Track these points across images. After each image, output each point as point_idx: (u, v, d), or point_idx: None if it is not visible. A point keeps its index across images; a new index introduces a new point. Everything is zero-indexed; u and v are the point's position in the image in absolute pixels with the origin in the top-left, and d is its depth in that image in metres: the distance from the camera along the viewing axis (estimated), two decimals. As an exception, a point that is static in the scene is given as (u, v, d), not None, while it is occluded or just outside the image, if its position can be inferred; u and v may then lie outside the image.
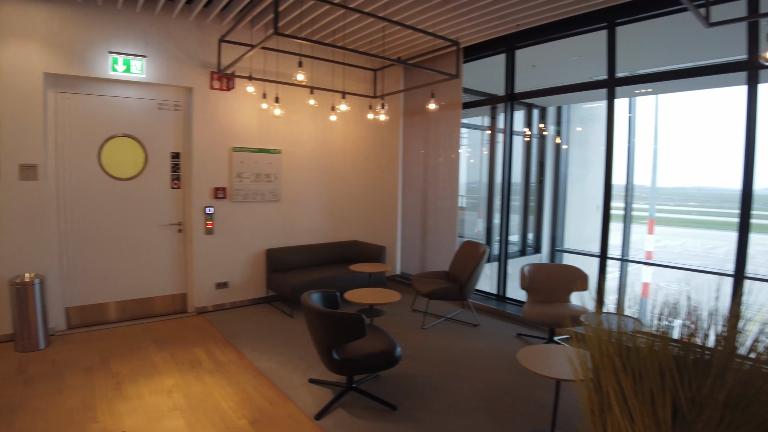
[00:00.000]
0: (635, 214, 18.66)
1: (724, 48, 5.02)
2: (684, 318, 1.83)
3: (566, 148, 8.54)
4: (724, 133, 13.23)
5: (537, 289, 4.85)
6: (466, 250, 5.79)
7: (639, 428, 1.67)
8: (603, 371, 1.83)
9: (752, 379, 1.59)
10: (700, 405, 1.60)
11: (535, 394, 3.77)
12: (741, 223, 4.45)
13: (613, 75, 5.17)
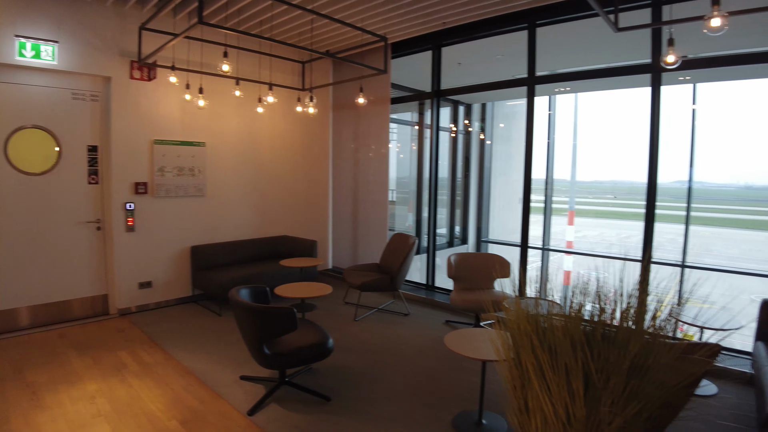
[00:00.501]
0: (556, 206, 19.70)
1: (633, 51, 5.40)
2: (593, 299, 2.01)
3: (490, 143, 8.90)
4: (634, 131, 14.27)
5: (463, 277, 5.06)
6: (396, 242, 5.91)
7: (556, 399, 1.83)
8: (523, 350, 1.98)
9: (651, 350, 1.79)
10: (607, 374, 1.78)
11: (464, 377, 3.96)
12: (647, 213, 4.87)
13: (533, 74, 5.45)
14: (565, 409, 1.85)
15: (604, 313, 1.94)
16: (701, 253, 22.21)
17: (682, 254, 6.94)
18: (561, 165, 15.94)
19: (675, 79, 6.22)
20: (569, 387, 1.82)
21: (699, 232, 28.49)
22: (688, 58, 5.48)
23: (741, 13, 3.42)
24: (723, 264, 18.29)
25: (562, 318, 1.98)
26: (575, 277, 2.09)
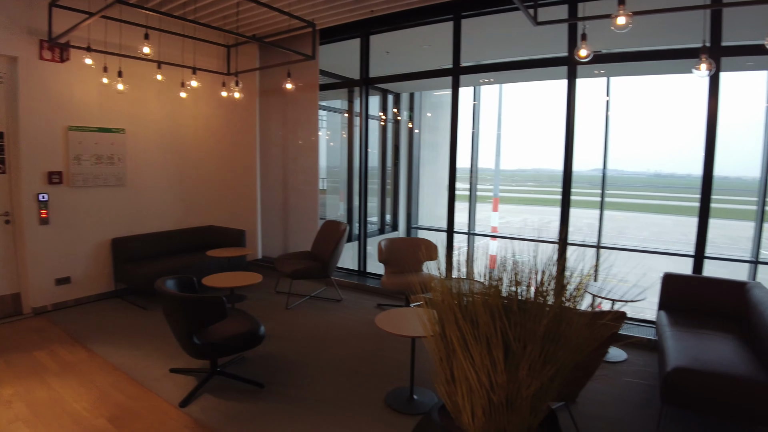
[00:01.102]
0: (481, 194, 20.39)
1: (553, 45, 5.67)
2: (510, 275, 2.17)
3: (418, 132, 9.08)
4: (554, 121, 15.07)
5: (393, 261, 5.19)
6: (327, 229, 5.95)
7: (479, 367, 1.97)
8: (447, 323, 2.11)
9: (562, 317, 1.97)
10: (524, 341, 1.94)
11: (395, 357, 4.09)
12: (563, 199, 5.20)
13: (458, 64, 5.63)
14: (488, 376, 1.99)
15: (520, 286, 2.11)
16: (616, 235, 23.91)
17: (597, 236, 7.47)
18: (486, 154, 16.55)
19: (590, 72, 6.64)
20: (490, 355, 1.97)
21: (615, 217, 30.60)
22: (601, 52, 5.88)
23: (644, 13, 3.72)
24: (635, 245, 19.86)
25: (483, 294, 2.12)
26: (500, 260, 2.24)
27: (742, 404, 2.81)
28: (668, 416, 3.26)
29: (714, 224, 4.67)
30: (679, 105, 16.62)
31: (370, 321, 4.95)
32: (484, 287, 2.15)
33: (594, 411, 3.33)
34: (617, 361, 4.15)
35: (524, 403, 2.01)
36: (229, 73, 6.70)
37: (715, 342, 3.35)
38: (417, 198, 9.16)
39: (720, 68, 4.65)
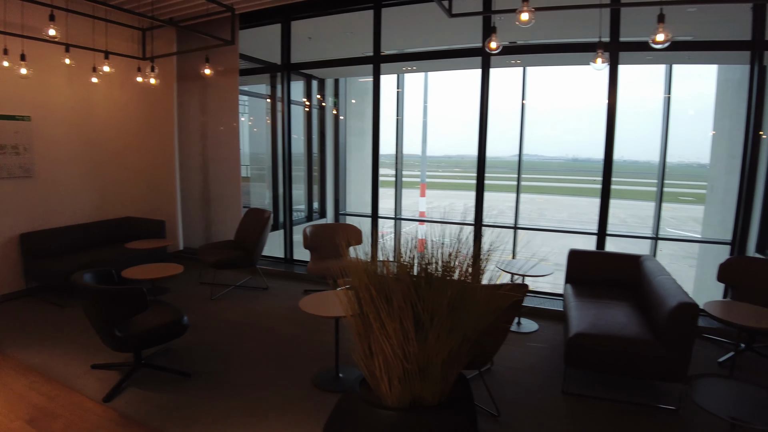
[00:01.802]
0: (408, 180, 20.71)
1: (471, 35, 5.84)
2: (421, 254, 2.34)
3: (343, 119, 9.13)
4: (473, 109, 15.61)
5: (318, 247, 5.27)
6: (250, 217, 5.92)
7: (392, 339, 2.13)
8: (364, 302, 2.25)
9: (465, 290, 2.16)
10: (432, 313, 2.11)
11: (321, 339, 4.20)
12: (477, 184, 5.48)
13: (379, 52, 5.74)
14: (402, 347, 2.15)
15: (429, 264, 2.28)
16: (537, 217, 25.23)
17: (514, 218, 7.90)
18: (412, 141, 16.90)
19: (507, 62, 6.95)
20: (403, 328, 2.13)
21: (535, 200, 32.12)
22: (516, 43, 6.19)
23: (546, 9, 3.99)
24: (554, 225, 21.10)
25: (396, 273, 2.28)
26: (428, 244, 2.39)
27: (632, 361, 3.19)
28: (572, 376, 3.60)
29: (627, 205, 5.15)
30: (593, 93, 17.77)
31: (296, 307, 4.97)
32: (398, 267, 2.31)
33: (508, 377, 3.62)
34: (530, 331, 4.50)
35: (436, 370, 2.19)
36: (145, 57, 6.43)
37: (613, 309, 3.72)
38: (345, 184, 9.24)
39: (618, 61, 5.07)
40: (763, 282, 4.24)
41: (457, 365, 2.27)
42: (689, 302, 3.06)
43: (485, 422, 3.00)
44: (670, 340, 3.10)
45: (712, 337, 4.53)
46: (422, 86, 14.54)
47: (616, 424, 3.05)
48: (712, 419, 2.98)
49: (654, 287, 3.61)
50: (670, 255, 18.73)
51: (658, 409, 3.22)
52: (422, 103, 15.15)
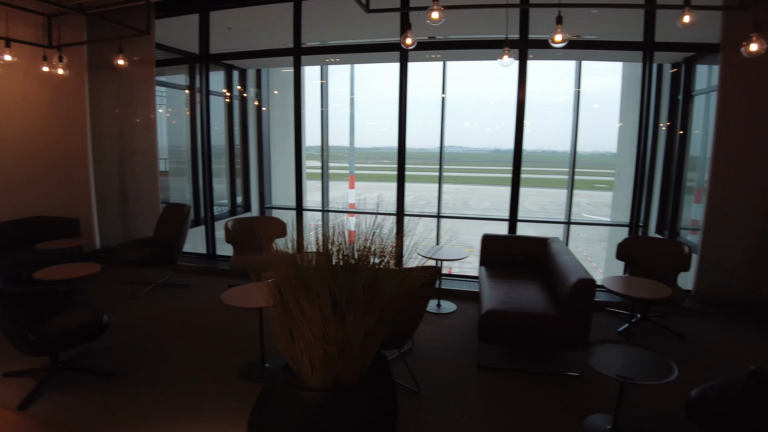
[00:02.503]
0: (336, 172, 20.63)
1: (392, 30, 5.94)
2: (340, 242, 2.42)
3: (266, 110, 9.00)
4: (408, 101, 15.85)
5: (241, 241, 5.22)
6: (169, 212, 5.76)
7: (312, 323, 2.20)
8: (285, 290, 2.30)
9: (379, 274, 2.27)
10: (348, 296, 2.20)
11: (246, 332, 4.20)
12: (399, 175, 5.64)
13: (299, 44, 5.73)
14: (321, 331, 2.23)
15: (348, 252, 2.37)
16: (461, 206, 26.03)
17: (437, 207, 8.14)
18: (340, 132, 16.90)
19: (426, 57, 7.14)
20: (321, 312, 2.20)
21: (460, 190, 33.02)
22: (435, 39, 6.37)
23: (456, 8, 4.16)
24: (477, 213, 21.94)
25: (314, 261, 2.35)
26: (357, 235, 2.47)
27: (539, 333, 3.47)
28: (486, 351, 3.86)
29: (546, 193, 5.47)
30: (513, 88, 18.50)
31: (220, 302, 4.91)
32: (316, 256, 2.38)
33: (428, 355, 3.81)
34: (449, 312, 4.73)
35: (354, 350, 2.29)
36: (51, 45, 6.02)
37: (522, 288, 3.99)
38: (270, 177, 9.12)
39: (528, 58, 5.37)
40: (654, 258, 4.69)
41: (374, 344, 2.37)
42: (587, 278, 3.36)
43: (407, 398, 3.14)
44: (572, 313, 3.39)
45: (613, 310, 4.96)
46: (349, 78, 14.51)
47: (527, 392, 3.30)
48: (609, 381, 3.29)
49: (558, 266, 3.91)
50: (586, 239, 20.00)
51: (565, 376, 3.52)
52: (349, 95, 15.15)
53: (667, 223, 7.43)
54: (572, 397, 3.26)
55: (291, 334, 2.33)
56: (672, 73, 7.24)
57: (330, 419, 2.24)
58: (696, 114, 6.84)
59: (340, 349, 2.26)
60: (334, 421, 2.24)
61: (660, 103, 7.63)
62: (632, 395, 3.28)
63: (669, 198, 7.38)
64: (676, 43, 5.60)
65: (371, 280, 2.24)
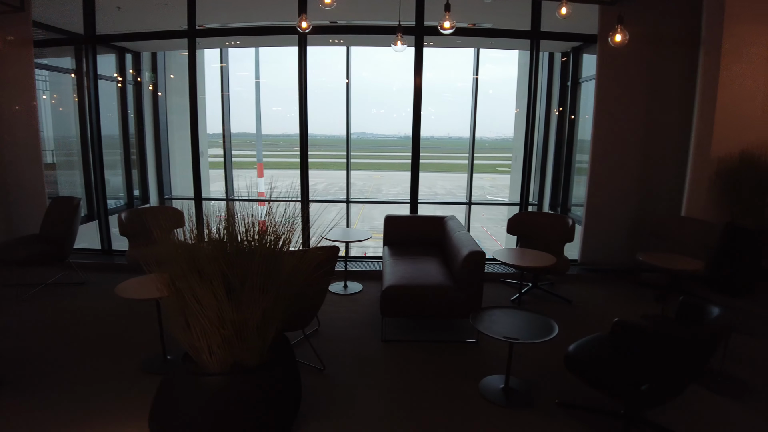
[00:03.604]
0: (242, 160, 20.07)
1: (289, 13, 5.89)
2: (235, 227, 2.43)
3: (162, 96, 8.55)
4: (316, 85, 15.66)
5: (137, 233, 4.97)
6: (57, 206, 5.35)
7: (206, 308, 2.20)
8: (178, 278, 2.27)
9: (274, 255, 2.31)
10: (243, 278, 2.21)
11: (146, 326, 4.04)
12: (301, 162, 5.64)
13: (194, 26, 5.51)
14: (217, 315, 2.23)
15: (242, 236, 2.38)
16: (374, 192, 26.39)
17: (346, 193, 8.22)
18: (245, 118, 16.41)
19: (328, 41, 7.13)
20: (216, 296, 2.20)
21: (373, 176, 33.41)
22: (337, 23, 6.38)
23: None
24: (388, 198, 22.38)
25: (206, 246, 2.34)
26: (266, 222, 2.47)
27: (437, 305, 3.70)
28: (390, 325, 4.04)
29: (453, 177, 5.70)
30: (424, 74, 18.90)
31: (117, 298, 4.71)
32: (208, 241, 2.37)
33: (334, 334, 3.91)
34: (355, 292, 4.86)
35: (252, 332, 2.31)
36: None
37: (421, 263, 4.19)
38: (169, 167, 8.70)
39: (423, 44, 5.55)
40: (541, 231, 5.09)
41: (273, 325, 2.40)
42: (477, 251, 3.61)
43: (313, 377, 3.22)
44: (465, 283, 3.64)
45: (508, 280, 5.33)
46: (254, 62, 13.94)
47: (428, 360, 3.50)
48: (501, 344, 3.57)
49: (453, 241, 4.15)
50: (490, 219, 21.10)
51: (463, 343, 3.79)
52: (254, 80, 14.61)
53: (559, 201, 8.05)
54: (469, 362, 3.50)
55: (187, 321, 2.31)
56: (562, 62, 7.79)
57: (231, 402, 2.26)
58: (584, 100, 7.43)
59: (237, 332, 2.28)
60: (235, 403, 2.26)
61: (551, 90, 8.20)
62: (522, 355, 3.58)
63: (560, 178, 7.99)
64: (560, 33, 6.05)
65: (265, 262, 2.27)
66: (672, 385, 2.38)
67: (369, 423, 2.74)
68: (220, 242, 2.33)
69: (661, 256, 4.60)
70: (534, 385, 3.21)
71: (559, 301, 4.84)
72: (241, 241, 2.34)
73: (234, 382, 2.30)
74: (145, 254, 2.48)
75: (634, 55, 5.40)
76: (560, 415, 2.87)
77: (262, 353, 2.41)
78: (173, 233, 2.53)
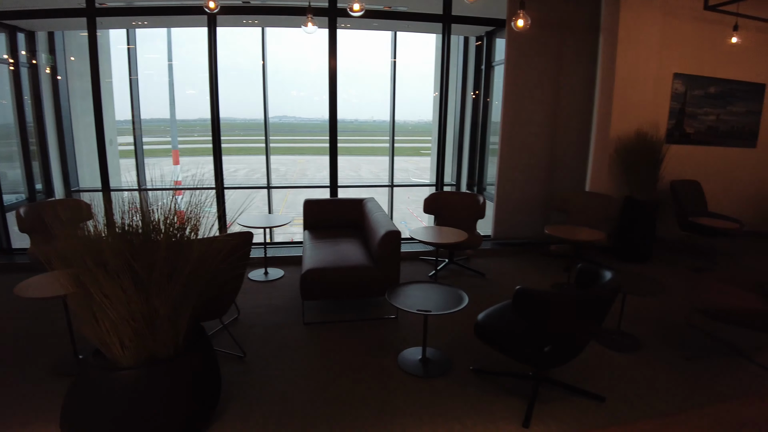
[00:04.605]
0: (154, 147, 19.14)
1: None
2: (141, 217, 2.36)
3: (61, 79, 7.94)
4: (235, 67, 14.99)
5: (40, 228, 4.65)
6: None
7: (114, 303, 2.14)
8: (82, 273, 2.18)
9: (181, 243, 2.28)
10: (150, 268, 2.17)
11: (55, 326, 3.82)
12: (214, 148, 5.50)
13: (92, 3, 5.17)
14: (125, 307, 2.17)
15: (148, 226, 2.32)
16: (299, 177, 26.05)
17: (267, 179, 8.10)
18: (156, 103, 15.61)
19: (241, 22, 6.91)
20: (122, 288, 2.15)
21: (298, 161, 32.95)
22: (250, 4, 6.20)
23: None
24: (315, 183, 22.17)
25: (107, 237, 2.26)
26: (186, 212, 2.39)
27: (356, 284, 3.80)
28: (310, 309, 4.09)
29: (377, 161, 5.74)
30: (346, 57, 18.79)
31: (20, 300, 4.40)
32: (111, 233, 2.28)
33: (255, 321, 3.89)
34: (276, 278, 4.84)
35: (164, 323, 2.27)
36: None
37: (341, 245, 4.25)
38: (74, 157, 8.13)
39: (337, 26, 5.53)
40: (455, 209, 5.32)
41: (185, 315, 2.37)
42: (393, 230, 3.73)
43: (233, 365, 3.20)
44: (382, 262, 3.75)
45: (426, 258, 5.52)
46: (166, 43, 13.18)
47: (349, 339, 3.59)
48: (418, 318, 3.72)
49: (371, 223, 4.25)
50: (415, 201, 21.52)
51: (384, 320, 3.91)
52: (167, 62, 13.85)
53: (475, 181, 8.38)
54: (389, 337, 3.62)
55: (95, 317, 2.23)
56: (476, 46, 8.04)
57: (146, 395, 2.23)
58: (497, 83, 7.73)
59: (148, 324, 2.23)
60: (151, 396, 2.23)
61: (467, 73, 8.45)
62: (440, 327, 3.76)
63: (476, 159, 8.30)
64: (472, 17, 6.23)
65: (173, 251, 2.23)
66: (570, 344, 2.61)
67: (291, 403, 2.79)
68: (124, 234, 2.25)
69: (567, 228, 4.94)
70: (450, 354, 3.38)
71: (473, 274, 5.09)
72: (146, 232, 2.27)
73: (148, 375, 2.26)
74: (47, 251, 2.34)
75: (540, 40, 5.69)
76: (474, 381, 3.06)
77: (176, 344, 2.38)
78: (80, 227, 2.40)
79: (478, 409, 2.78)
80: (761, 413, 1.51)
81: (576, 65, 5.88)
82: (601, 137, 5.82)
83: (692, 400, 2.93)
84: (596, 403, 2.86)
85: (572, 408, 2.81)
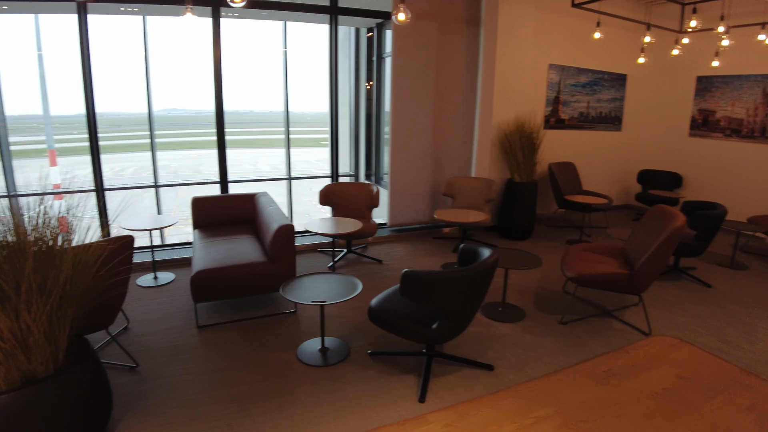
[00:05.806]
0: (29, 147, 17.43)
1: None
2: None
3: None
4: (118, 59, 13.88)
5: None
6: None
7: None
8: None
9: (51, 251, 2.14)
10: (17, 283, 2.02)
11: None
12: (91, 146, 5.15)
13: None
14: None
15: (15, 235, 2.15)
16: (193, 173, 24.85)
17: (153, 176, 7.69)
18: (24, 98, 14.10)
19: (118, 9, 6.45)
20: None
21: (190, 155, 31.38)
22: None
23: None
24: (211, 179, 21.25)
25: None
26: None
27: (251, 282, 3.75)
28: (203, 311, 3.98)
29: (276, 153, 5.54)
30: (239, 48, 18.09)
31: None
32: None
33: (146, 329, 3.71)
34: (166, 282, 4.62)
35: (39, 339, 2.12)
36: None
37: (235, 243, 4.18)
38: None
39: (220, 15, 5.36)
40: (350, 200, 5.43)
41: (63, 329, 2.24)
42: (287, 224, 3.74)
43: (126, 375, 3.07)
44: (277, 257, 3.75)
45: (325, 249, 5.58)
46: (34, 32, 11.88)
47: (246, 337, 3.57)
48: (316, 310, 3.78)
49: (264, 217, 4.22)
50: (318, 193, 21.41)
51: (283, 315, 3.93)
52: (36, 52, 12.43)
53: (372, 171, 8.54)
54: (288, 332, 3.65)
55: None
56: (368, 37, 8.15)
57: (27, 418, 2.08)
58: (388, 74, 7.88)
59: (20, 342, 2.08)
60: (31, 418, 2.08)
61: (359, 64, 8.55)
62: (338, 316, 3.85)
63: (372, 149, 8.46)
64: (359, 9, 6.31)
65: (43, 261, 2.09)
66: (456, 319, 2.80)
67: (186, 406, 2.75)
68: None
69: (454, 212, 5.23)
70: (349, 341, 3.48)
71: (371, 261, 5.24)
72: (12, 243, 2.11)
73: (24, 397, 2.11)
74: None
75: (424, 33, 5.92)
76: (373, 364, 3.20)
77: (56, 360, 2.24)
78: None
79: (378, 390, 2.91)
80: (625, 363, 1.82)
81: (459, 57, 6.19)
82: (484, 125, 6.19)
83: (571, 359, 3.30)
84: (485, 372, 3.12)
85: (464, 379, 3.04)
